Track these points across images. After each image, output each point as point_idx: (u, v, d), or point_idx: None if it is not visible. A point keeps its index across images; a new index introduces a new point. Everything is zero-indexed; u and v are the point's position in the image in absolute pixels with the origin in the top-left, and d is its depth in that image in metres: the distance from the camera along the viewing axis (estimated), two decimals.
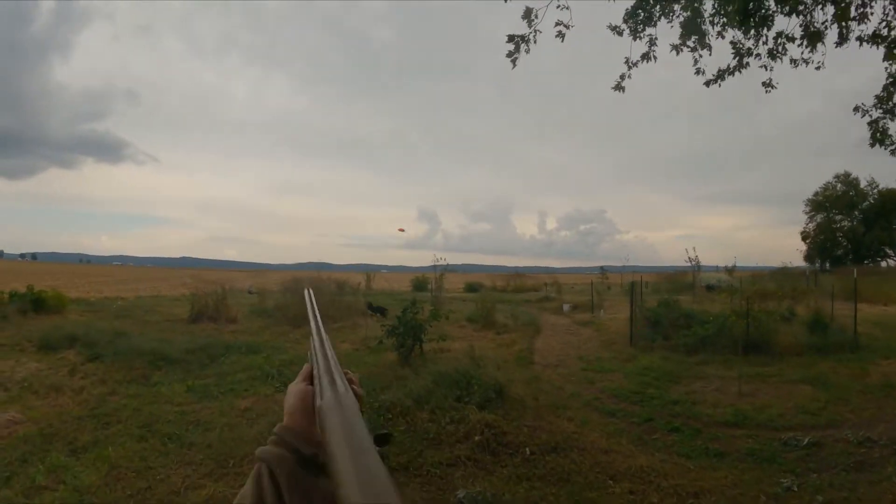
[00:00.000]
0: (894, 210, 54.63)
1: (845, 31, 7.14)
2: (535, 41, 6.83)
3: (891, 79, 7.91)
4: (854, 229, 56.62)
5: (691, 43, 7.42)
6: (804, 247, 60.14)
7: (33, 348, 13.95)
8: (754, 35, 7.34)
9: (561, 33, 6.86)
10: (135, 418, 8.66)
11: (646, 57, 7.54)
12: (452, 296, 30.23)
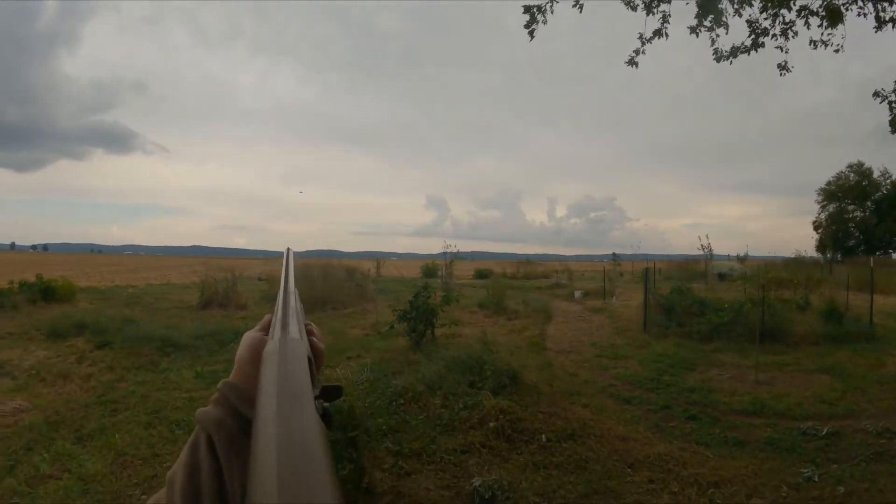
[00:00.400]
0: None
1: (881, 13, 6.93)
2: (552, 11, 6.64)
3: None
4: (866, 220, 56.01)
5: (707, 22, 7.25)
6: (816, 237, 59.61)
7: (42, 337, 13.95)
8: (772, 14, 7.16)
9: (579, 3, 6.69)
10: (143, 405, 8.61)
11: (658, 34, 7.32)
12: (462, 282, 30.17)
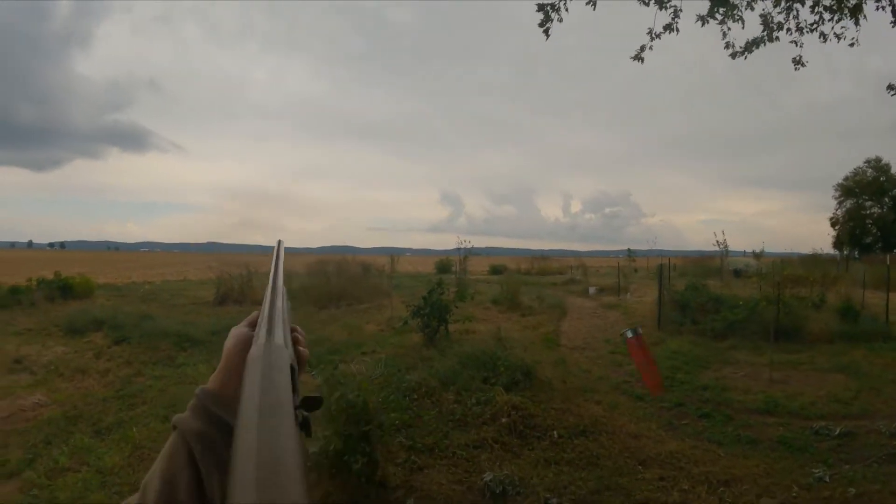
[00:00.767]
0: None
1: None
2: (567, 9, 6.62)
3: None
4: (884, 216, 55.16)
5: (719, 15, 7.18)
6: (833, 233, 58.79)
7: (60, 333, 14.23)
8: (786, 8, 7.10)
9: (593, 1, 6.68)
10: (160, 399, 8.78)
11: (669, 28, 7.21)
12: (477, 278, 30.22)
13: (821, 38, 7.26)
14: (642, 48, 7.37)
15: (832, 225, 58.86)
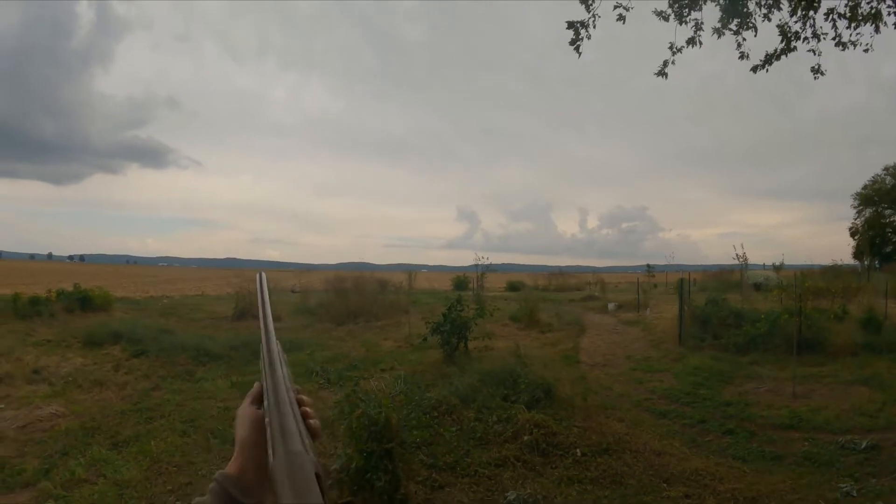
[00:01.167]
0: None
1: None
2: (595, 26, 6.67)
3: None
4: None
5: (733, 26, 7.17)
6: (853, 243, 57.83)
7: (79, 344, 14.37)
8: (802, 16, 7.08)
9: (621, 16, 6.71)
10: (178, 413, 8.83)
11: (691, 42, 7.25)
12: (494, 295, 30.11)
13: (839, 46, 7.23)
14: (665, 63, 7.42)
15: (852, 235, 57.82)
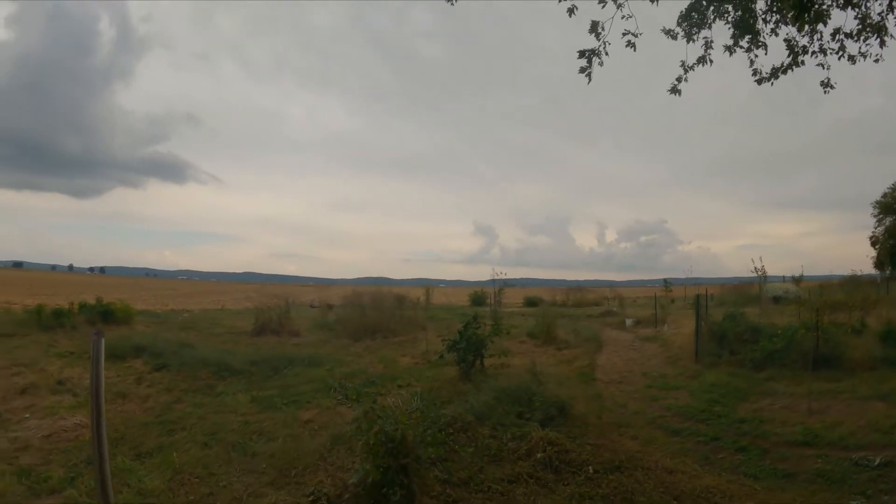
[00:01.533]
0: None
1: None
2: (607, 53, 6.80)
3: None
4: None
5: (744, 43, 7.25)
6: (874, 253, 56.73)
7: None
8: (809, 31, 7.07)
9: (630, 43, 6.83)
10: (199, 426, 9.02)
11: (702, 60, 7.34)
12: (512, 310, 30.15)
13: (848, 59, 7.27)
14: (679, 79, 7.44)
15: (872, 244, 56.84)
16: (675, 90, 7.52)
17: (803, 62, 7.25)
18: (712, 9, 7.14)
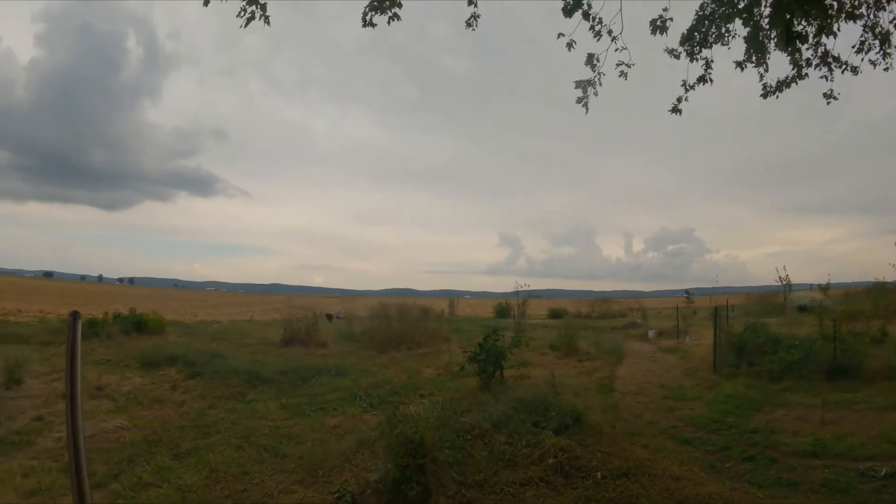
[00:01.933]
0: None
1: None
2: (601, 83, 7.05)
3: None
4: None
5: (755, 59, 7.15)
6: None
7: (136, 365, 15.42)
8: (813, 44, 7.07)
9: (623, 73, 7.08)
10: (232, 430, 9.55)
11: (702, 80, 7.46)
12: (536, 322, 30.26)
13: (851, 71, 7.36)
14: (679, 100, 7.57)
15: None
16: (675, 110, 7.63)
17: (807, 75, 7.33)
18: (714, 29, 7.28)
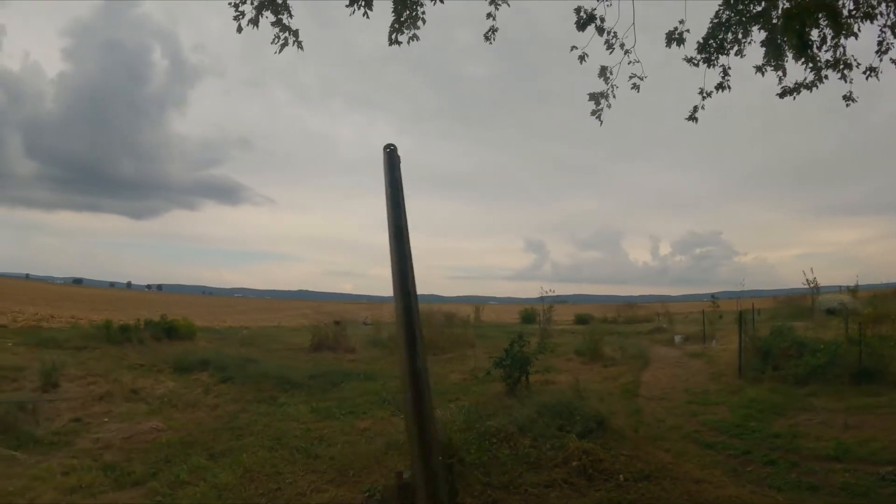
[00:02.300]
0: None
1: None
2: (615, 95, 7.20)
3: None
4: None
5: (773, 63, 7.19)
6: None
7: (169, 369, 15.93)
8: (832, 46, 7.03)
9: (636, 85, 7.22)
10: (265, 432, 9.92)
11: (720, 87, 7.50)
12: (562, 328, 30.28)
13: (869, 71, 7.20)
14: (695, 108, 7.64)
15: None
16: (692, 118, 7.70)
17: (826, 77, 7.27)
18: (730, 36, 7.26)
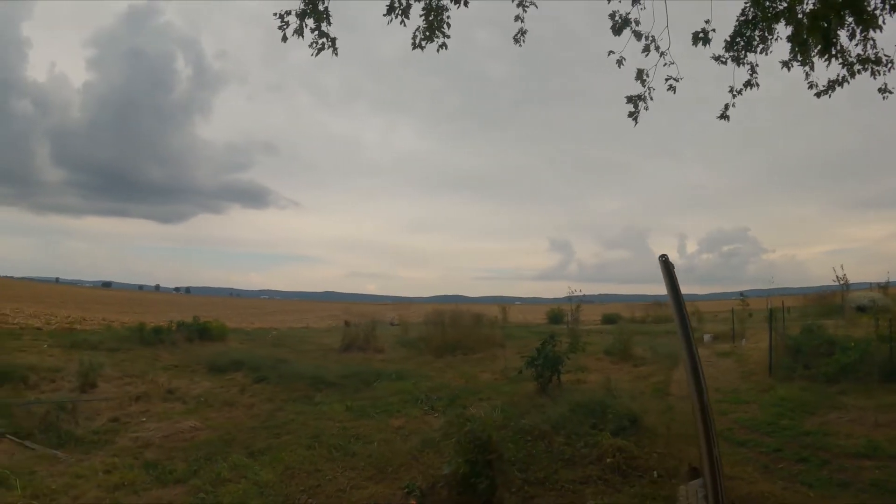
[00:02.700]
0: None
1: None
2: (652, 98, 7.30)
3: None
4: None
5: (800, 58, 7.10)
6: None
7: (203, 370, 16.41)
8: (862, 40, 6.99)
9: (672, 87, 7.33)
10: (302, 430, 10.22)
11: (748, 84, 7.57)
12: (589, 328, 30.24)
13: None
14: (726, 107, 7.71)
15: None
16: (724, 115, 7.77)
17: (859, 71, 7.27)
18: (756, 33, 7.33)
